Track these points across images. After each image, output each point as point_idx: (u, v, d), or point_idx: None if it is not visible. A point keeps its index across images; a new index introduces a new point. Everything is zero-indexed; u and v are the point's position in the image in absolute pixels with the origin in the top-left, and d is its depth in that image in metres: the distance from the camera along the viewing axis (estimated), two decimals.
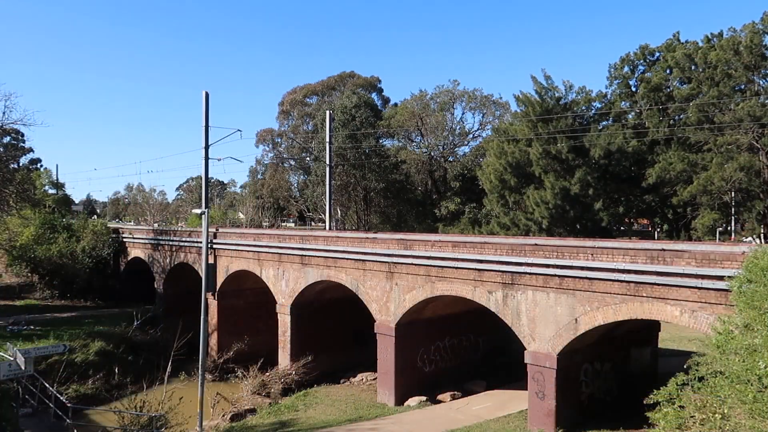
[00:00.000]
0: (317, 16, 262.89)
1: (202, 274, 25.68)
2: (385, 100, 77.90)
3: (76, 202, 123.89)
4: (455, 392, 24.52)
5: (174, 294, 39.39)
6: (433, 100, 63.25)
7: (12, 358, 23.29)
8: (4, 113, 35.97)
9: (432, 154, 62.87)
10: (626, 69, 53.27)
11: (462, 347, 26.95)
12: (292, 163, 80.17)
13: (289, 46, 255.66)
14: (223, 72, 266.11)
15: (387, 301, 24.12)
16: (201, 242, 28.72)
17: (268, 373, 27.56)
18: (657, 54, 52.04)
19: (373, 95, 75.75)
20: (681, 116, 46.15)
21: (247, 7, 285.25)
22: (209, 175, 38.04)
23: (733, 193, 42.33)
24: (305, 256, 27.69)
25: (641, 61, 52.93)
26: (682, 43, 49.52)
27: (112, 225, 58.50)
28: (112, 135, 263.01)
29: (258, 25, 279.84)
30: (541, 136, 43.42)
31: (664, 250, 16.25)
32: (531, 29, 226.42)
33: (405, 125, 61.86)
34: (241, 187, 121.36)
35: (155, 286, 40.62)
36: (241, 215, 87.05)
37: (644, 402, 11.66)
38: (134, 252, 44.04)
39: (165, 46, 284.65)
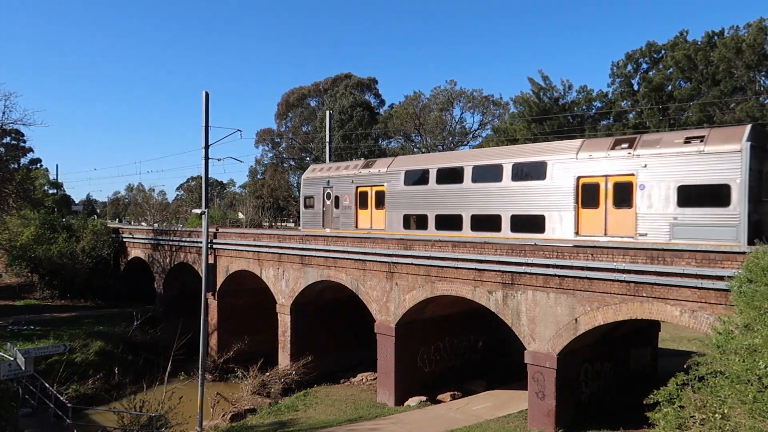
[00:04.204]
0: (317, 18, 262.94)
1: (202, 274, 25.69)
2: (381, 101, 78.11)
3: (76, 202, 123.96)
4: (455, 392, 24.52)
5: (174, 294, 39.40)
6: (431, 101, 63.34)
7: (12, 358, 23.33)
8: (3, 113, 35.90)
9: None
10: (629, 68, 53.06)
11: (462, 347, 26.94)
12: (292, 163, 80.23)
13: (289, 47, 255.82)
14: (222, 72, 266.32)
15: (387, 301, 24.12)
16: (201, 242, 28.72)
17: (268, 373, 27.56)
18: (663, 52, 51.74)
19: (370, 96, 75.99)
20: (682, 116, 46.15)
21: (247, 9, 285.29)
22: (209, 175, 38.02)
23: None
24: (305, 256, 27.68)
25: (645, 59, 52.64)
26: (688, 42, 49.26)
27: (112, 225, 58.50)
28: (112, 135, 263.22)
29: (258, 26, 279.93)
30: (537, 137, 43.50)
31: (664, 250, 16.25)
32: (532, 29, 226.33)
33: (404, 126, 61.94)
34: (241, 187, 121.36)
35: (155, 286, 40.61)
36: (241, 215, 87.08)
37: (644, 402, 11.65)
38: (134, 252, 44.02)
39: (166, 48, 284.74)
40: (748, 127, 17.37)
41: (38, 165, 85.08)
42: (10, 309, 40.28)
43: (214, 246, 33.04)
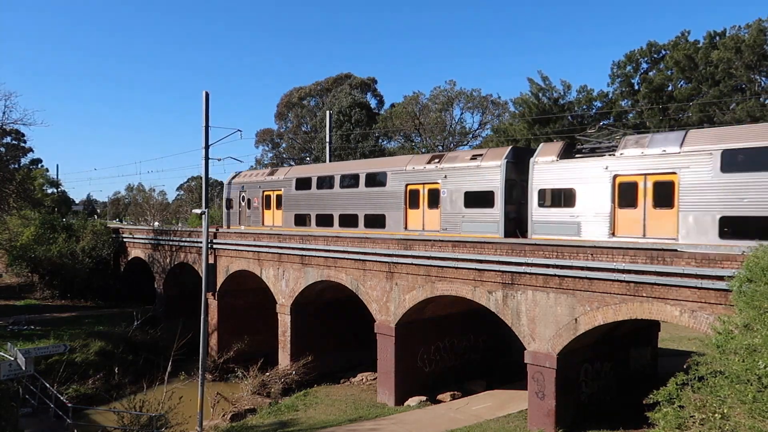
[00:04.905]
0: (317, 18, 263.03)
1: (202, 274, 25.70)
2: (381, 101, 78.07)
3: (77, 202, 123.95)
4: (455, 392, 24.52)
5: (174, 294, 39.40)
6: (431, 101, 63.37)
7: (12, 358, 23.36)
8: (4, 113, 35.88)
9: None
10: (629, 68, 52.92)
11: (462, 347, 26.94)
12: (292, 163, 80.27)
13: (288, 47, 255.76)
14: (222, 72, 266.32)
15: (387, 301, 24.12)
16: (201, 242, 28.74)
17: (268, 373, 27.57)
18: (663, 52, 51.56)
19: (370, 97, 76.06)
20: (682, 116, 46.14)
21: (247, 9, 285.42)
22: (209, 175, 38.07)
23: None
24: (305, 256, 27.69)
25: (646, 59, 52.50)
26: (689, 42, 49.12)
27: (113, 225, 58.51)
28: (112, 135, 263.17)
29: (258, 26, 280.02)
30: (538, 137, 43.53)
31: (664, 250, 16.25)
32: (532, 29, 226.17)
33: (403, 126, 61.99)
34: None
35: (155, 286, 40.61)
36: None
37: (644, 402, 11.66)
38: (134, 252, 44.03)
39: (166, 47, 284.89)
40: (510, 148, 23.14)
41: (38, 165, 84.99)
42: (10, 309, 40.29)
43: (214, 246, 33.05)
